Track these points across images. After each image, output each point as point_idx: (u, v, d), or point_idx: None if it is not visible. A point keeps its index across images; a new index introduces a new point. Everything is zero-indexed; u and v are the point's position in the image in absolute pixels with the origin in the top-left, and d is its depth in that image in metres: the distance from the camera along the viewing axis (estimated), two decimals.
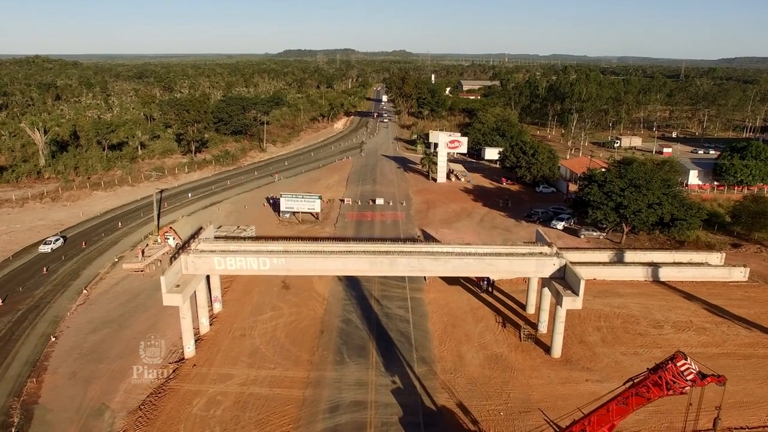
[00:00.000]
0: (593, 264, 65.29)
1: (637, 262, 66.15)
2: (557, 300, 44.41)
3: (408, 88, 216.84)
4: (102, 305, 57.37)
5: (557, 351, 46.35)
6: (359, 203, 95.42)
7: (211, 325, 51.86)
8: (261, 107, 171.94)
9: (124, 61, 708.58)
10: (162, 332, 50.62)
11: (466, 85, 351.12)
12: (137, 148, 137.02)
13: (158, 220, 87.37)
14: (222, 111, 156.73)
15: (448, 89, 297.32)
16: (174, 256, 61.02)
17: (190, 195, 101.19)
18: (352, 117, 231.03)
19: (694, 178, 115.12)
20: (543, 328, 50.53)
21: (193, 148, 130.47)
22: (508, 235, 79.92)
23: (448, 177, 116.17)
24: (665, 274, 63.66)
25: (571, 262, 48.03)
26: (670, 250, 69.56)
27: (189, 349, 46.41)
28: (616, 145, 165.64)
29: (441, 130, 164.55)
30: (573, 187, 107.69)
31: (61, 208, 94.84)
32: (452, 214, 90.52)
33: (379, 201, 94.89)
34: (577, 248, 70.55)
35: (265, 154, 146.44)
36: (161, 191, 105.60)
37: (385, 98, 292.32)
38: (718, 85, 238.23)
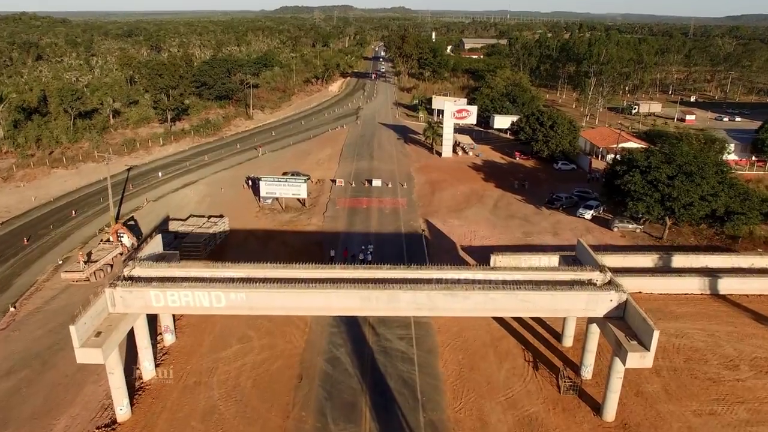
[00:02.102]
0: (636, 271, 53.57)
1: (690, 269, 54.28)
2: (617, 351, 32.56)
3: (408, 47, 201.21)
4: (27, 332, 45.50)
5: (611, 413, 34.75)
6: (353, 185, 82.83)
7: (157, 366, 40.11)
8: (249, 69, 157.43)
9: (117, 18, 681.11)
10: (98, 375, 38.86)
11: (468, 44, 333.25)
12: (109, 116, 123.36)
13: (119, 207, 75.15)
14: (205, 74, 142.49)
15: (449, 48, 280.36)
16: (127, 259, 49.16)
17: (160, 174, 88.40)
18: (349, 78, 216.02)
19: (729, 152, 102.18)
20: (587, 372, 38.87)
21: (169, 117, 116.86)
22: (529, 228, 67.82)
23: (454, 150, 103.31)
24: (726, 285, 51.77)
25: (610, 269, 36.45)
26: (729, 253, 57.47)
27: (122, 411, 34.75)
28: (634, 111, 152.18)
29: (444, 93, 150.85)
30: (597, 164, 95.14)
31: (12, 191, 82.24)
32: (461, 199, 78.14)
33: (377, 182, 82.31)
34: (610, 247, 58.44)
35: (251, 122, 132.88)
36: (129, 169, 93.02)
37: (384, 57, 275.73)
38: (742, 45, 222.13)
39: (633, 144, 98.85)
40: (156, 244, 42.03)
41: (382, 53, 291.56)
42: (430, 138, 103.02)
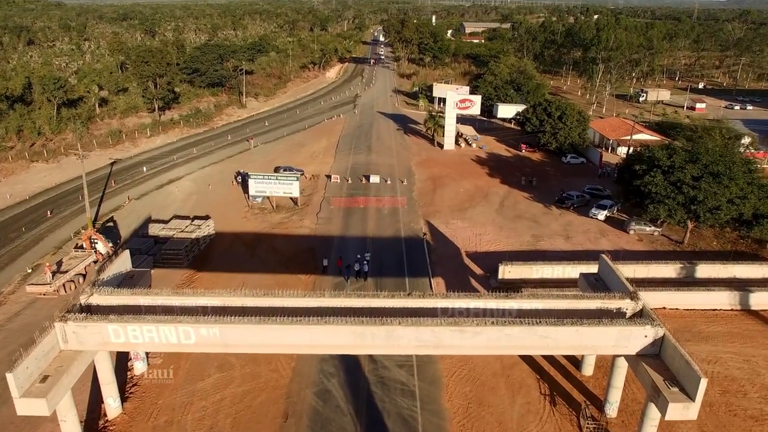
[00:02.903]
0: (657, 283, 48.88)
1: (718, 281, 49.53)
2: (653, 397, 27.77)
3: (408, 32, 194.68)
4: None
5: None
6: (349, 181, 77.65)
7: (125, 400, 35.35)
8: (243, 55, 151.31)
9: (114, 1, 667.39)
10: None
11: (469, 28, 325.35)
12: (95, 105, 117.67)
13: (99, 207, 70.15)
14: (196, 61, 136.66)
15: (449, 32, 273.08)
16: (102, 267, 44.25)
17: (145, 169, 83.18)
18: (347, 64, 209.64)
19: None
20: (612, 410, 34.15)
21: (157, 106, 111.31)
22: (539, 230, 62.88)
23: (456, 142, 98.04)
24: (759, 299, 46.98)
25: (630, 280, 31.72)
26: (760, 262, 52.55)
27: None
28: (641, 98, 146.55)
29: (445, 80, 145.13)
30: (609, 157, 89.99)
31: None
32: (465, 197, 73.09)
33: (374, 178, 77.12)
34: (627, 253, 53.41)
35: (244, 111, 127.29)
36: (113, 162, 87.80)
37: (383, 42, 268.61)
38: (753, 30, 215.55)
39: (645, 136, 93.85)
40: (123, 261, 37.04)
41: (381, 38, 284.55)
42: (431, 129, 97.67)
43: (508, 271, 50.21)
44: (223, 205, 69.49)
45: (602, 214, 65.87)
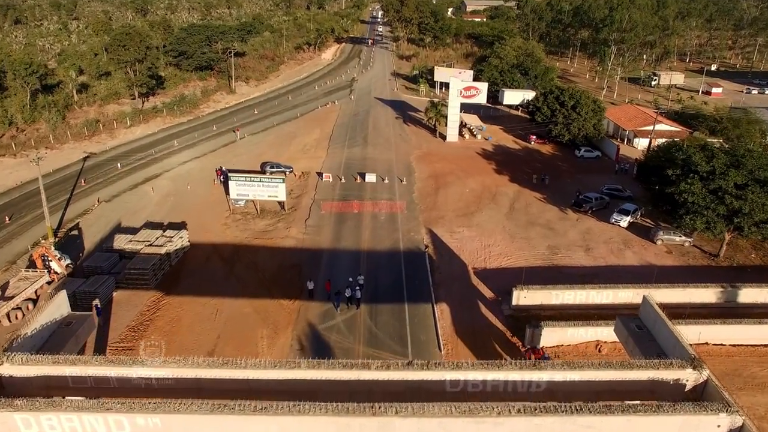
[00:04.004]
0: (695, 308, 42.15)
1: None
2: None
3: (408, 11, 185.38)
4: None
5: None
6: (343, 180, 70.39)
7: None
8: (233, 36, 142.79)
9: None
10: None
11: (471, 5, 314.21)
12: (73, 92, 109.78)
13: (65, 211, 63.06)
14: (183, 43, 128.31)
15: (450, 10, 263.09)
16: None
17: (119, 165, 75.86)
18: (344, 44, 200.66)
19: None
20: None
21: (137, 93, 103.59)
22: (555, 239, 55.97)
23: (460, 133, 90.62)
24: None
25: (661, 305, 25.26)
26: None
27: None
28: (653, 83, 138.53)
29: (447, 63, 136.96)
30: (625, 150, 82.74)
31: None
32: (471, 199, 66.01)
33: (370, 177, 69.87)
34: (656, 270, 46.34)
35: (233, 96, 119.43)
36: (86, 157, 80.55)
37: (381, 20, 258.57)
38: None
39: (665, 126, 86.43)
40: (58, 306, 30.05)
41: (380, 16, 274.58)
42: (433, 119, 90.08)
43: (523, 297, 43.45)
44: (202, 209, 62.45)
45: (625, 221, 58.87)
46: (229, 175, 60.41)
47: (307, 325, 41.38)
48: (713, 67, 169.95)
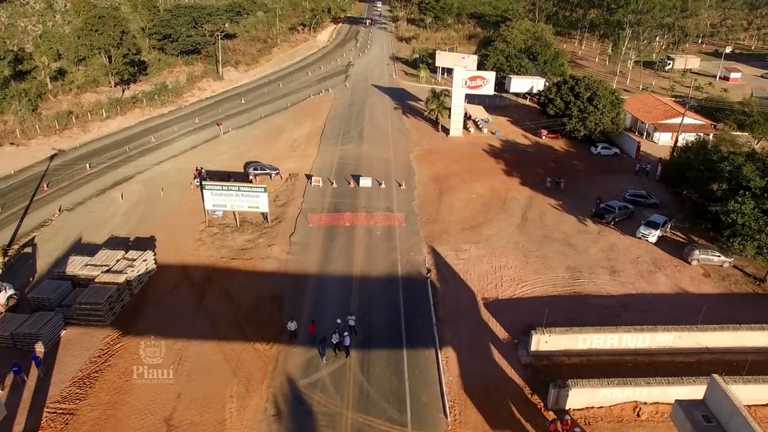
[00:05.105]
0: (749, 358, 35.30)
1: None
2: None
3: None
4: None
5: None
6: (334, 184, 62.93)
7: None
8: (219, 18, 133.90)
9: None
10: None
11: None
12: (46, 79, 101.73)
13: (21, 221, 55.82)
14: (167, 25, 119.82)
15: None
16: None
17: (88, 166, 68.44)
18: (340, 25, 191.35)
19: None
20: None
21: (113, 82, 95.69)
22: (575, 259, 49.00)
23: (464, 126, 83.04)
24: None
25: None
26: None
27: None
28: (667, 67, 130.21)
29: (449, 47, 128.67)
30: (647, 146, 75.41)
31: None
32: (478, 206, 58.80)
33: (365, 181, 62.43)
34: (695, 301, 39.14)
35: (220, 83, 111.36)
36: (53, 156, 73.19)
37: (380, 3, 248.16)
38: None
39: (689, 119, 78.55)
40: None
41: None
42: (434, 111, 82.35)
43: (544, 341, 36.55)
44: (176, 219, 55.26)
45: (654, 235, 51.72)
46: (204, 184, 53.01)
47: (286, 379, 34.46)
48: (728, 50, 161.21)
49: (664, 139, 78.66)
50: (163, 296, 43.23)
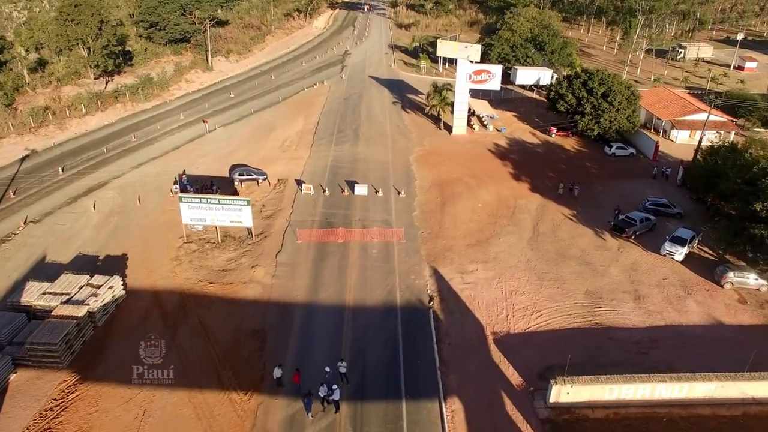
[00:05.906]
0: None
1: None
2: None
3: None
4: None
5: None
6: (327, 192, 57.45)
7: None
8: (210, 4, 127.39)
9: None
10: None
11: None
12: (25, 71, 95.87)
13: None
14: (153, 13, 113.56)
15: None
16: None
17: (61, 170, 63.00)
18: (337, 11, 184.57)
19: None
20: None
21: (91, 74, 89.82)
22: (594, 281, 43.84)
23: (468, 123, 77.53)
24: None
25: None
26: None
27: None
28: (678, 56, 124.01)
29: (451, 36, 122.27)
30: (664, 145, 70.10)
31: None
32: (485, 217, 53.53)
33: (361, 189, 56.97)
34: (730, 332, 33.96)
35: (209, 75, 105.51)
36: (25, 157, 67.77)
37: None
38: None
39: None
40: None
41: None
42: (436, 107, 76.70)
43: (565, 393, 31.47)
44: (151, 233, 50.03)
45: (681, 253, 46.55)
46: (180, 196, 47.65)
47: None
48: (739, 37, 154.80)
49: (682, 137, 73.29)
50: (130, 330, 38.04)
